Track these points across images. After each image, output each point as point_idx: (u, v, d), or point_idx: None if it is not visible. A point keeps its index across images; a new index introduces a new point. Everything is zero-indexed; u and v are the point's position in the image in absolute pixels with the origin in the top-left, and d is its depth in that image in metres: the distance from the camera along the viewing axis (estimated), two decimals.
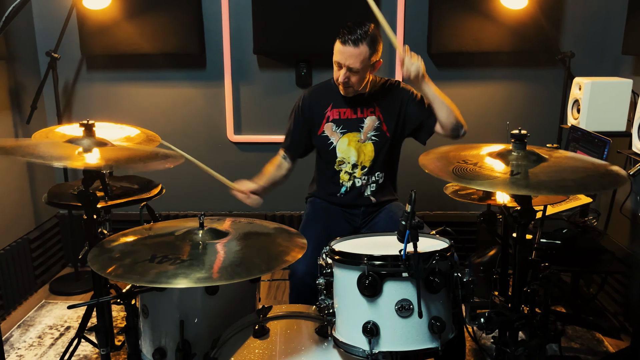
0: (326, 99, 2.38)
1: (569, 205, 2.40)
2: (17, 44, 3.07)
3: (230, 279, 1.33)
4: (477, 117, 3.24)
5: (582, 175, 1.41)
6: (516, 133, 1.45)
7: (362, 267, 1.43)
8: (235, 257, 1.45)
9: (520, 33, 3.01)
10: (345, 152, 2.35)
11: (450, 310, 1.51)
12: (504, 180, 1.39)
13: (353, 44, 2.16)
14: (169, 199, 3.42)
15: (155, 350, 1.90)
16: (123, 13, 3.08)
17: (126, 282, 1.31)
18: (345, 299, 1.51)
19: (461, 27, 3.05)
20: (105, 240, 1.59)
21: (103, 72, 3.32)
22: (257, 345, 1.63)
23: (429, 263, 1.41)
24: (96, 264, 1.39)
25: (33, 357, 2.58)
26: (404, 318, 1.43)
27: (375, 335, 1.43)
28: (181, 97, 3.34)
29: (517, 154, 1.46)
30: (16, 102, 3.08)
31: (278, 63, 3.27)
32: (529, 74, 3.18)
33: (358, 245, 1.64)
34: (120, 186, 2.10)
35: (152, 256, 1.39)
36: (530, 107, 3.22)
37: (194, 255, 1.41)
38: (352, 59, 2.17)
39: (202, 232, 1.55)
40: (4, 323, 2.88)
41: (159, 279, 1.27)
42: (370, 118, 2.35)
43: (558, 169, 1.43)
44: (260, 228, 1.75)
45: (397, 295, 1.43)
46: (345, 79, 2.20)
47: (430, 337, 1.45)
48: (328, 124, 2.37)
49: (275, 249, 1.51)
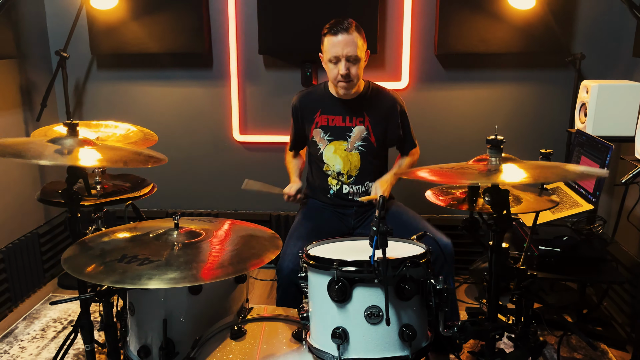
0: (315, 104, 2.37)
1: (567, 213, 2.33)
2: (29, 43, 3.15)
3: (194, 282, 1.32)
4: (484, 119, 3.18)
5: None
6: (492, 139, 1.41)
7: (332, 272, 1.42)
8: (204, 259, 1.45)
9: (529, 34, 2.94)
10: (330, 160, 2.34)
11: (424, 318, 1.48)
12: (479, 172, 1.35)
13: (345, 32, 2.14)
14: (165, 197, 3.48)
15: (140, 348, 1.92)
16: (131, 13, 3.12)
17: (92, 282, 1.32)
18: (317, 303, 1.49)
19: (468, 28, 3.00)
20: (84, 239, 1.61)
21: (112, 71, 3.38)
22: (233, 347, 1.63)
23: (399, 270, 1.39)
24: (70, 262, 1.41)
25: (35, 349, 2.64)
26: (373, 325, 1.41)
27: (344, 341, 1.42)
28: (188, 96, 3.37)
29: (494, 159, 1.41)
30: (27, 99, 3.16)
31: (283, 63, 3.27)
32: (537, 75, 3.10)
33: (333, 250, 1.62)
34: (112, 184, 2.12)
35: (123, 256, 1.40)
36: (539, 110, 3.13)
37: (163, 256, 1.41)
38: (349, 47, 2.14)
39: (176, 232, 1.55)
40: (11, 315, 2.96)
41: (124, 279, 1.28)
42: (359, 128, 2.32)
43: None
44: (239, 230, 1.74)
45: (366, 301, 1.41)
46: (346, 71, 2.16)
47: (400, 345, 1.42)
48: (317, 129, 2.35)
49: (248, 252, 1.50)
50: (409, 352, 1.42)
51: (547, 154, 1.91)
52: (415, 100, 3.23)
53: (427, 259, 1.48)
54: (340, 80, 2.20)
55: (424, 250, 1.52)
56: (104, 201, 1.95)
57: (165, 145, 3.40)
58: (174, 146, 3.41)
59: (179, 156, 3.44)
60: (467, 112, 3.21)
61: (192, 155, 3.45)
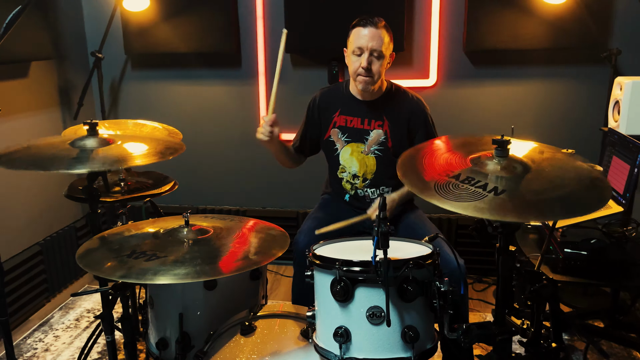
0: (335, 103, 2.35)
1: (595, 215, 2.24)
2: (66, 44, 3.28)
3: (197, 278, 1.35)
4: (515, 117, 3.10)
5: (567, 191, 1.32)
6: (498, 139, 1.37)
7: (334, 272, 1.42)
8: (209, 256, 1.48)
9: (561, 28, 2.84)
10: (347, 161, 2.32)
11: (429, 320, 1.47)
12: (488, 201, 1.30)
13: (374, 26, 2.13)
14: (195, 194, 3.57)
15: (159, 340, 1.99)
16: (162, 14, 3.20)
17: (102, 276, 1.37)
18: (321, 302, 1.50)
19: (498, 23, 2.92)
20: (102, 235, 1.68)
21: (145, 70, 3.48)
22: (242, 343, 1.66)
23: (401, 271, 1.38)
24: (84, 256, 1.47)
25: (68, 338, 2.76)
26: (375, 325, 1.40)
27: (346, 340, 1.42)
28: (217, 95, 3.44)
29: (499, 162, 1.37)
30: (65, 99, 3.29)
31: (310, 62, 3.29)
32: (570, 72, 3.00)
33: (340, 249, 1.62)
34: (136, 181, 2.20)
35: (132, 251, 1.44)
36: (572, 108, 3.03)
37: (171, 252, 1.45)
38: (375, 41, 2.12)
39: (187, 229, 1.59)
40: (48, 305, 3.10)
41: (130, 274, 1.32)
42: (377, 132, 2.28)
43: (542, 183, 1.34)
44: (250, 227, 1.76)
45: (368, 301, 1.40)
46: (368, 64, 2.13)
47: (403, 346, 1.41)
48: (334, 129, 2.34)
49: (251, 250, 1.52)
50: (411, 353, 1.41)
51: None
52: (444, 98, 3.18)
53: (432, 260, 1.46)
54: (360, 74, 2.16)
55: (430, 251, 1.50)
56: (129, 197, 2.02)
57: (194, 143, 3.51)
58: (203, 144, 3.49)
59: (208, 154, 3.52)
60: (497, 110, 3.14)
61: (221, 154, 3.51)
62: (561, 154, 1.57)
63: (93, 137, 1.70)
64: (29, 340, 2.74)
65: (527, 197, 1.29)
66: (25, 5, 1.45)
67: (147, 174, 2.31)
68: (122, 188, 2.14)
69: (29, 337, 2.77)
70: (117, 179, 2.15)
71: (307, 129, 2.43)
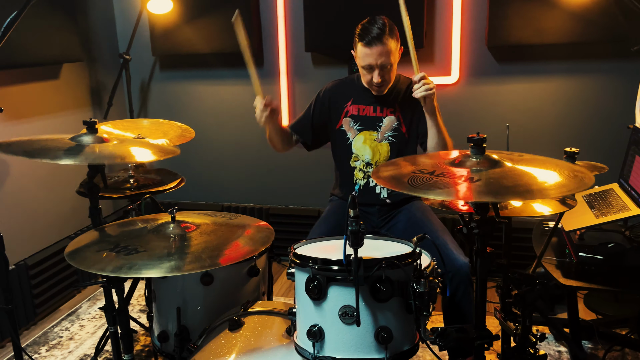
0: (347, 93, 2.37)
1: (614, 217, 2.12)
2: (97, 46, 3.43)
3: (169, 273, 1.38)
4: (539, 114, 2.98)
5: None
6: (474, 137, 1.33)
7: (308, 270, 1.42)
8: (186, 251, 1.50)
9: (588, 22, 2.70)
10: (360, 150, 2.32)
11: (406, 321, 1.44)
12: (460, 187, 1.29)
13: (379, 42, 2.11)
14: (221, 191, 3.64)
15: (160, 333, 2.05)
16: (185, 16, 3.29)
17: (79, 267, 1.42)
18: (299, 301, 1.50)
19: (522, 17, 2.82)
20: (99, 228, 1.75)
21: (171, 71, 3.58)
22: (228, 338, 1.68)
23: (373, 270, 1.36)
24: (72, 249, 1.54)
25: (92, 327, 2.89)
26: (348, 325, 1.39)
27: (319, 339, 1.41)
28: (240, 94, 3.49)
29: (476, 160, 1.33)
30: (97, 99, 3.44)
31: (331, 60, 3.28)
32: (598, 67, 2.85)
33: (322, 249, 1.61)
34: (144, 177, 2.27)
35: (115, 246, 1.50)
36: (600, 105, 2.88)
37: (152, 247, 1.49)
38: (383, 57, 2.13)
39: (172, 225, 1.63)
40: (78, 296, 3.25)
41: (106, 267, 1.37)
42: (389, 118, 2.29)
43: (520, 173, 1.29)
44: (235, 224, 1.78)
45: (341, 300, 1.39)
46: (380, 79, 2.16)
47: (376, 347, 1.39)
48: (346, 118, 2.35)
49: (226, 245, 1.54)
50: (384, 354, 1.38)
51: (572, 153, 1.77)
52: (466, 95, 3.10)
53: (410, 260, 1.43)
54: (374, 85, 2.22)
55: (409, 251, 1.47)
56: (135, 193, 2.09)
57: (218, 142, 3.59)
58: (227, 143, 3.55)
59: (232, 152, 3.58)
60: (521, 107, 3.03)
61: (245, 152, 3.57)
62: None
63: (92, 134, 1.76)
64: (56, 328, 2.88)
65: (502, 183, 1.25)
66: (22, 9, 1.52)
67: (156, 171, 2.38)
68: (131, 185, 2.21)
69: (56, 325, 2.91)
70: (127, 176, 2.23)
71: (314, 114, 2.43)
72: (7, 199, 2.79)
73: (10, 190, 2.80)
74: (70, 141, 1.72)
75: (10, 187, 2.80)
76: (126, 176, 2.22)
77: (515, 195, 1.26)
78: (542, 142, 3.02)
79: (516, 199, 1.51)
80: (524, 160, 1.38)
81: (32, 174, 2.94)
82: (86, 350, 2.67)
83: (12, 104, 2.81)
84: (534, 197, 1.26)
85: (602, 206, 2.27)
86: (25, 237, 2.93)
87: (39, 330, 2.87)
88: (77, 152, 1.62)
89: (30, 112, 2.93)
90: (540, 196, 1.17)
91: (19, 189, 2.87)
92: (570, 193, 1.24)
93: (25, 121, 2.89)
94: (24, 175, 2.89)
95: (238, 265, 1.97)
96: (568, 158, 1.75)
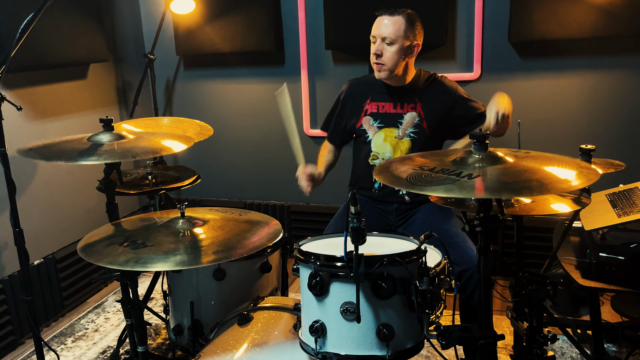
0: (366, 92, 2.36)
1: (636, 217, 2.05)
2: (123, 46, 3.52)
3: (174, 267, 1.41)
4: (563, 110, 2.91)
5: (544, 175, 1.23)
6: (476, 133, 1.31)
7: (310, 266, 1.43)
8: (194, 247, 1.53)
9: (615, 15, 2.62)
10: (380, 147, 2.31)
11: (408, 318, 1.43)
12: (460, 183, 1.27)
13: (388, 13, 2.16)
14: (243, 188, 3.68)
15: (175, 326, 2.10)
16: (207, 16, 3.34)
17: (91, 261, 1.47)
18: (303, 297, 1.51)
19: (545, 12, 2.75)
20: (113, 223, 1.80)
21: (195, 70, 3.64)
22: (237, 332, 1.71)
23: (374, 267, 1.36)
24: (85, 243, 1.59)
25: (117, 320, 2.97)
26: (349, 321, 1.39)
27: (321, 335, 1.42)
28: (261, 93, 3.52)
29: (478, 157, 1.31)
30: (123, 98, 3.53)
31: (351, 57, 3.28)
32: (625, 62, 2.76)
33: (327, 245, 1.62)
34: (163, 174, 2.32)
35: (125, 239, 1.54)
36: (627, 101, 2.78)
37: (161, 242, 1.53)
38: (385, 28, 2.14)
39: (182, 221, 1.66)
40: (105, 289, 3.35)
41: (115, 261, 1.41)
42: (410, 114, 2.27)
43: (522, 169, 1.26)
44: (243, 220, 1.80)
45: (342, 297, 1.40)
46: (378, 52, 2.15)
47: (378, 344, 1.39)
48: (366, 117, 2.34)
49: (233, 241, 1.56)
50: (386, 351, 1.38)
51: (587, 150, 1.73)
52: (489, 92, 2.99)
53: (413, 258, 1.42)
54: (373, 62, 2.21)
55: (414, 249, 1.46)
56: (154, 189, 2.14)
57: (240, 140, 3.63)
58: (249, 141, 3.59)
59: (254, 151, 3.62)
60: (545, 104, 2.96)
61: (266, 150, 3.60)
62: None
63: (109, 132, 1.81)
64: (82, 320, 2.98)
65: (501, 179, 1.23)
66: (38, 11, 1.58)
67: (174, 168, 2.43)
68: (149, 181, 2.26)
69: (83, 317, 3.01)
70: (145, 172, 2.28)
71: (337, 121, 2.49)
72: (38, 196, 2.90)
73: (39, 188, 2.91)
74: (87, 141, 1.77)
75: (39, 186, 2.90)
76: (145, 173, 2.28)
77: (513, 192, 1.24)
78: (562, 138, 2.95)
79: (514, 195, 1.48)
80: (529, 158, 1.35)
81: (58, 173, 3.04)
82: (110, 342, 2.75)
83: (40, 103, 2.91)
84: (532, 194, 1.24)
85: (625, 205, 2.20)
86: (54, 232, 3.03)
87: (66, 321, 2.97)
88: (92, 152, 1.66)
89: (58, 111, 3.03)
90: (539, 192, 1.14)
91: (49, 187, 2.97)
92: (573, 189, 1.21)
93: (54, 119, 2.99)
94: (51, 176, 2.99)
95: (250, 261, 2.00)
96: (583, 155, 1.70)
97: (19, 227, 1.82)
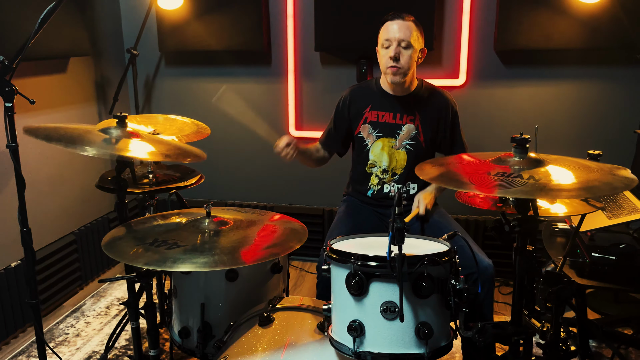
0: (366, 99, 2.37)
1: (626, 219, 2.18)
2: (104, 41, 3.39)
3: (214, 267, 1.39)
4: (546, 118, 3.04)
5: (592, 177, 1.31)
6: (517, 137, 1.36)
7: (350, 266, 1.44)
8: (228, 246, 1.51)
9: (595, 28, 2.78)
10: (377, 156, 2.34)
11: (444, 317, 1.46)
12: (531, 185, 1.30)
13: (400, 18, 2.20)
14: (225, 188, 3.63)
15: (181, 329, 2.04)
16: (195, 12, 3.28)
17: (125, 262, 1.42)
18: (337, 296, 1.52)
19: (530, 22, 2.88)
20: (129, 223, 1.74)
21: (178, 67, 3.56)
22: (259, 333, 1.69)
23: (416, 267, 1.38)
24: (110, 243, 1.53)
25: (98, 324, 2.86)
26: (389, 320, 1.41)
27: (360, 334, 1.43)
28: (247, 92, 3.49)
29: (519, 159, 1.37)
30: (101, 94, 3.41)
31: (339, 60, 3.30)
32: (604, 73, 2.93)
33: (357, 245, 1.63)
34: (163, 174, 2.26)
35: (154, 240, 1.49)
36: (606, 109, 2.96)
37: (192, 241, 1.49)
38: (402, 31, 2.17)
39: (207, 220, 1.63)
40: (81, 292, 3.22)
41: (152, 262, 1.37)
42: (408, 126, 2.30)
43: (562, 175, 1.33)
44: (270, 221, 1.79)
45: (382, 296, 1.41)
46: (395, 54, 2.16)
47: (416, 342, 1.42)
48: (365, 125, 2.36)
49: (272, 241, 1.55)
50: (425, 350, 1.41)
51: (595, 155, 1.82)
52: (473, 98, 3.15)
53: (449, 258, 1.46)
54: (389, 66, 2.19)
55: (447, 249, 1.50)
56: (155, 189, 2.08)
57: (223, 139, 3.57)
58: (232, 140, 3.55)
59: (237, 150, 3.57)
60: (528, 111, 3.09)
61: (250, 150, 3.56)
62: None
63: (121, 128, 1.75)
64: (61, 325, 2.85)
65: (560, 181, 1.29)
66: (59, 1, 1.51)
67: (175, 167, 2.37)
68: (150, 180, 2.20)
69: (61, 322, 2.88)
70: (145, 171, 2.21)
71: (337, 126, 2.46)
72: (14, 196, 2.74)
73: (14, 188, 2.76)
74: (101, 133, 1.71)
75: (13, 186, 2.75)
76: (145, 172, 2.21)
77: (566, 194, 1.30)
78: (543, 145, 3.08)
79: (565, 197, 1.55)
80: (553, 161, 1.42)
81: (34, 171, 2.90)
82: (94, 347, 2.64)
83: (20, 96, 2.75)
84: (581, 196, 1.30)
85: (613, 208, 2.34)
86: None
87: (43, 326, 2.83)
88: (106, 145, 1.61)
89: (37, 105, 2.88)
90: (587, 194, 1.21)
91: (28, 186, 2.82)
92: (617, 192, 1.28)
93: (32, 115, 2.84)
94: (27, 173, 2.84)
95: (263, 262, 1.98)
96: (591, 160, 1.79)
97: (27, 226, 1.72)
